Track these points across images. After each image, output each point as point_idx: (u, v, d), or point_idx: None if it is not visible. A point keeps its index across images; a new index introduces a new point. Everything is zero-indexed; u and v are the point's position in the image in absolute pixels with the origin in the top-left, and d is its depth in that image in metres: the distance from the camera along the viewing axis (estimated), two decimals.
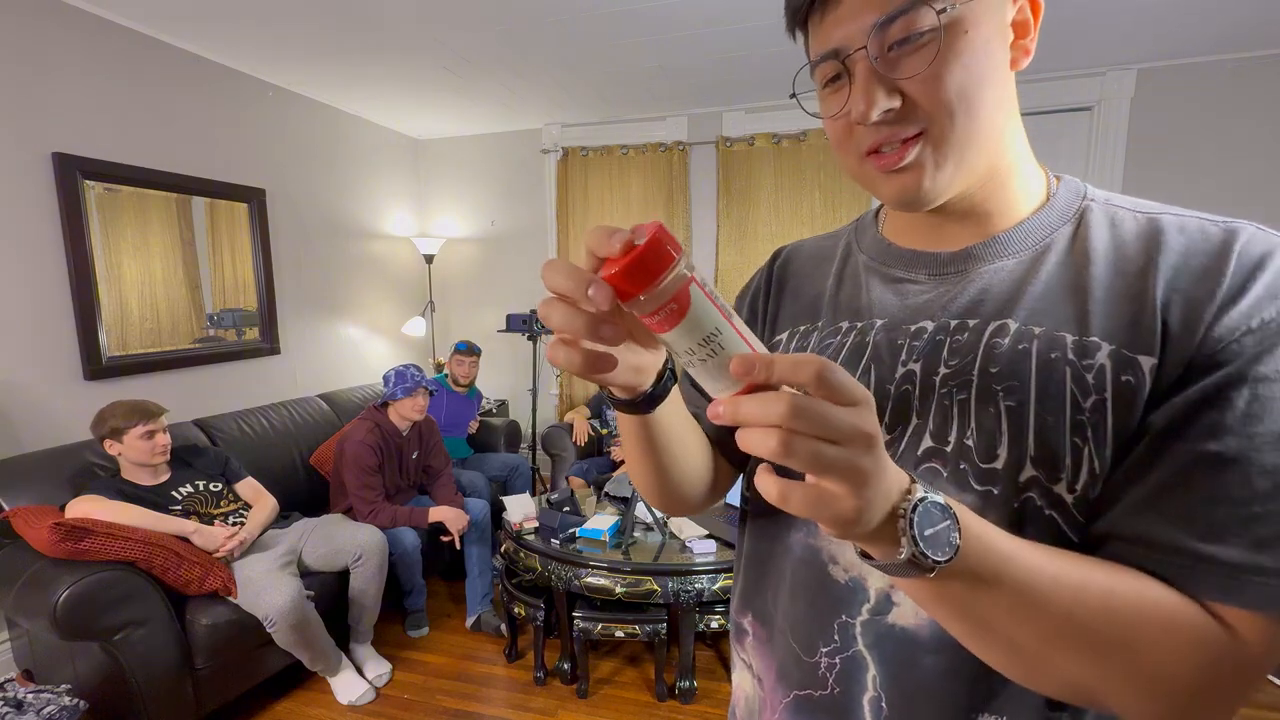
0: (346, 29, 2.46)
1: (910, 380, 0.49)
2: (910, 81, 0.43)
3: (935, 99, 0.43)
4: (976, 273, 0.49)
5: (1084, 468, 0.42)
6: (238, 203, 2.84)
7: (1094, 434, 0.41)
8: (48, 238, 2.17)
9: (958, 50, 0.42)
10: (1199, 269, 0.40)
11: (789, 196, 3.43)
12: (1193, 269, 0.41)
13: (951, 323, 0.48)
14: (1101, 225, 0.46)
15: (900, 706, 0.48)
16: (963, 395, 0.46)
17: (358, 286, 3.66)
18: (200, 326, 2.72)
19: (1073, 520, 0.42)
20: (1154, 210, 0.46)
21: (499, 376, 4.17)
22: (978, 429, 0.45)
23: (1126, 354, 0.41)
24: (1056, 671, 0.37)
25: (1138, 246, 0.44)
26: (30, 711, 1.57)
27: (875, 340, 0.53)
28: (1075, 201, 0.48)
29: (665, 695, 2.05)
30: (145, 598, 1.72)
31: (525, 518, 2.27)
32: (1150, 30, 2.58)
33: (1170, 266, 0.41)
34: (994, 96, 0.44)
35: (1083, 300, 0.44)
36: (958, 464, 0.46)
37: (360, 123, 3.64)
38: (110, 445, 1.94)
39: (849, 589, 0.50)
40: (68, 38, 2.20)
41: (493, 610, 2.51)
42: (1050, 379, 0.43)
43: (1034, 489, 0.43)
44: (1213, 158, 2.92)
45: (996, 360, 0.45)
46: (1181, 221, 0.44)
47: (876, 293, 0.55)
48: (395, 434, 2.56)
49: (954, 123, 0.43)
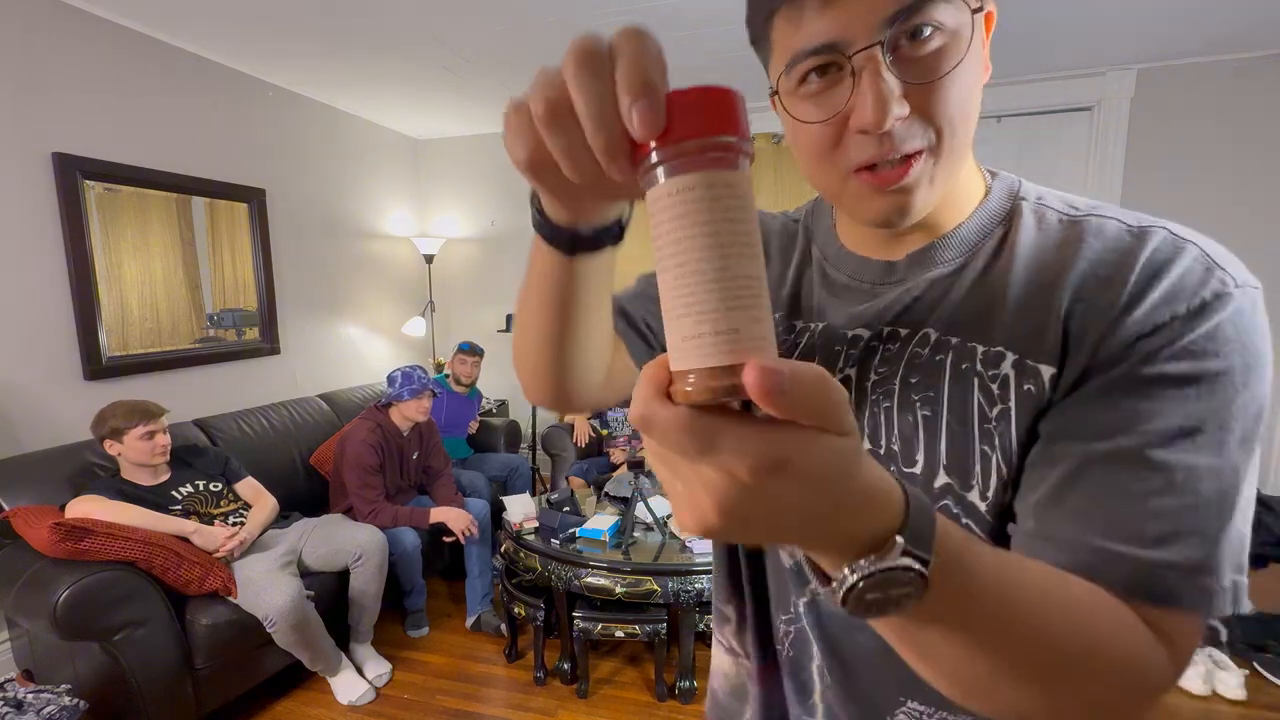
0: (346, 29, 2.46)
1: (846, 385, 0.49)
2: (920, 88, 0.39)
3: (944, 110, 0.39)
4: (913, 281, 0.48)
5: (993, 475, 0.42)
6: (238, 203, 2.84)
7: (1000, 442, 0.42)
8: (48, 238, 2.17)
9: (967, 58, 0.39)
10: (1104, 277, 0.40)
11: (789, 195, 3.43)
12: (1099, 277, 0.40)
13: (884, 330, 0.49)
14: (1029, 227, 0.45)
15: (840, 679, 0.52)
16: (887, 403, 0.47)
17: (358, 286, 3.66)
18: (200, 326, 2.72)
19: (987, 525, 0.43)
20: (1080, 211, 0.44)
21: (499, 376, 4.17)
22: (900, 436, 0.47)
23: (1029, 363, 0.41)
24: (1000, 699, 0.34)
25: (1055, 253, 0.43)
26: (30, 711, 1.57)
27: (816, 344, 0.53)
28: (1006, 202, 0.47)
29: (665, 695, 2.05)
30: (145, 598, 1.72)
31: (525, 518, 2.27)
32: (1150, 30, 2.58)
33: (1079, 274, 0.41)
34: (976, 109, 0.42)
35: (998, 309, 0.44)
36: (887, 465, 0.44)
37: (360, 123, 3.63)
38: (110, 445, 1.94)
39: (793, 572, 0.54)
40: (68, 38, 2.20)
41: (493, 610, 2.51)
42: (961, 389, 0.44)
43: (948, 496, 0.44)
44: (1213, 158, 2.92)
45: (916, 370, 0.46)
46: (1102, 224, 0.42)
47: (820, 296, 0.54)
48: (396, 434, 2.56)
49: (954, 138, 0.41)
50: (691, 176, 0.23)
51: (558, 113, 0.26)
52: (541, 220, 0.37)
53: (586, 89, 0.25)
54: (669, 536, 2.17)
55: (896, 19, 0.37)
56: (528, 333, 0.47)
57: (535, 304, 0.44)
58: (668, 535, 2.17)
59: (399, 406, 2.54)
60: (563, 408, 0.53)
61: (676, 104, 0.24)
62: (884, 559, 0.26)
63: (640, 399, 0.24)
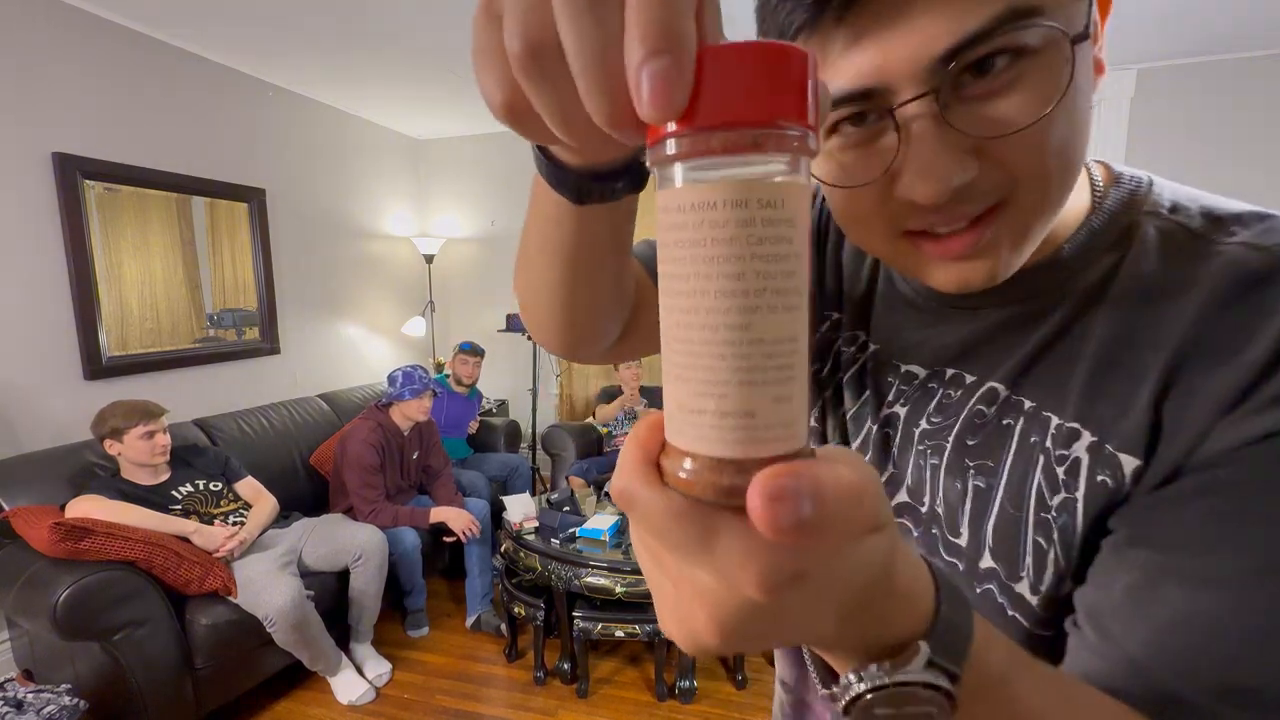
0: (347, 29, 2.46)
1: (892, 424, 0.43)
2: (994, 141, 0.29)
3: (1033, 163, 0.30)
4: (989, 314, 0.39)
5: (1048, 569, 0.35)
6: (238, 203, 2.84)
7: (1060, 536, 0.34)
8: (48, 238, 2.17)
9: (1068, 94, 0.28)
10: (1219, 338, 0.29)
11: None
12: (1211, 338, 0.30)
13: (947, 372, 0.41)
14: (1149, 255, 0.34)
15: None
16: (935, 460, 0.40)
17: (358, 286, 3.66)
18: (200, 326, 2.72)
19: (1036, 618, 0.36)
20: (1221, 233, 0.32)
21: (499, 376, 4.17)
22: (944, 501, 0.39)
23: (1108, 449, 0.32)
24: None
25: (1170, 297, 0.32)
26: (30, 711, 1.57)
27: (868, 367, 0.45)
28: (1124, 217, 0.36)
29: (665, 695, 2.05)
30: (145, 598, 1.72)
31: (525, 518, 2.27)
32: (1150, 30, 2.58)
33: (1182, 331, 0.31)
34: (1086, 145, 0.31)
35: (1084, 370, 0.34)
36: (930, 527, 0.40)
37: (360, 123, 3.63)
38: (110, 445, 1.94)
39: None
40: (68, 38, 2.20)
41: (493, 610, 2.51)
42: (1022, 466, 0.36)
43: (993, 581, 0.37)
44: (1213, 158, 2.92)
45: (976, 432, 0.38)
46: (1245, 257, 0.31)
47: (879, 309, 0.46)
48: (397, 433, 2.56)
49: (1049, 189, 0.31)
50: (714, 188, 0.16)
51: (541, 57, 0.17)
52: (543, 158, 0.28)
53: (582, 31, 0.16)
54: None
55: (955, 55, 0.27)
56: (530, 278, 0.39)
57: (537, 252, 0.36)
58: None
59: (400, 406, 2.54)
60: (575, 358, 0.45)
61: (710, 66, 0.16)
62: (901, 669, 0.21)
63: (624, 469, 0.19)
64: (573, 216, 0.31)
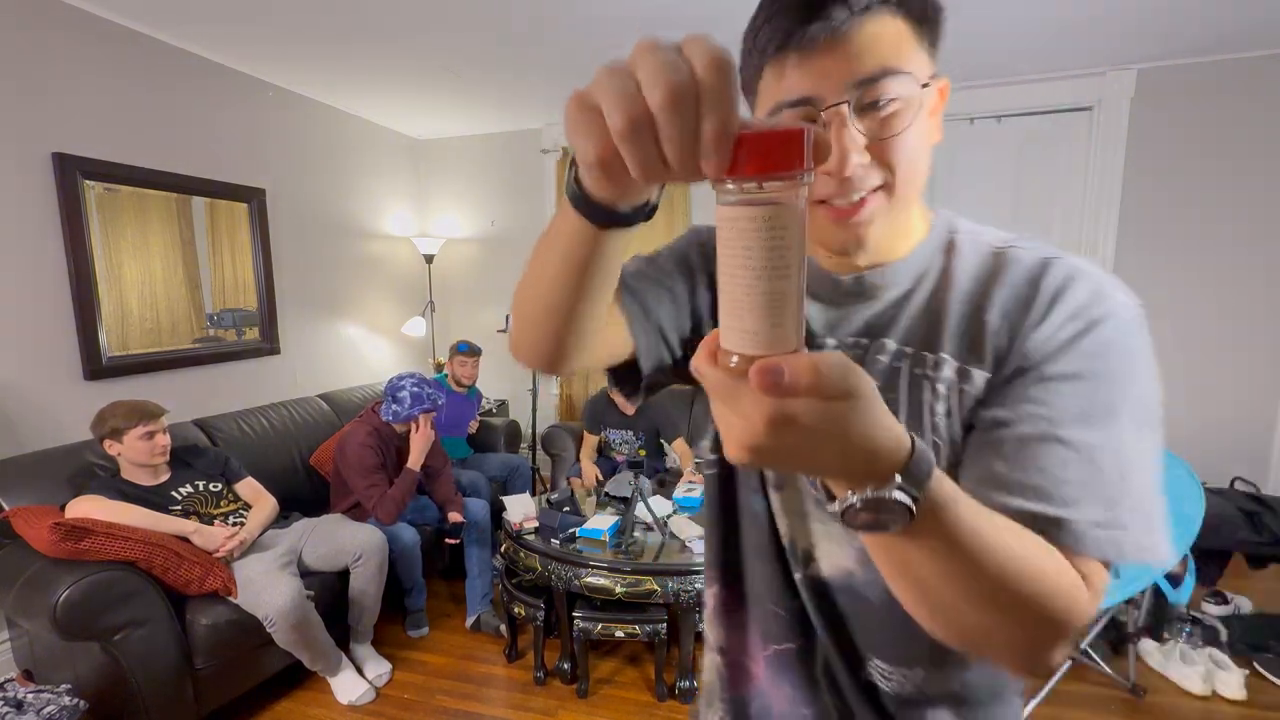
0: (346, 29, 2.46)
1: None
2: (877, 143, 0.48)
3: (896, 161, 0.49)
4: (869, 298, 0.58)
5: (943, 464, 0.51)
6: (238, 203, 2.84)
7: (947, 435, 0.52)
8: (48, 238, 2.17)
9: (916, 123, 0.49)
10: (1019, 298, 0.51)
11: None
12: (1015, 298, 0.51)
13: (849, 339, 0.58)
14: (964, 255, 0.55)
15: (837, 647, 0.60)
16: None
17: (358, 286, 3.66)
18: (200, 326, 2.72)
19: None
20: (1000, 243, 0.55)
21: (499, 377, 4.17)
22: None
23: (968, 369, 0.52)
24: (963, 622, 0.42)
25: (984, 277, 0.54)
26: (30, 711, 1.57)
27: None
28: (946, 235, 0.57)
29: (665, 695, 2.05)
30: (145, 598, 1.72)
31: (525, 518, 2.27)
32: (1150, 30, 2.58)
33: (1003, 297, 0.52)
34: (927, 162, 0.52)
35: (941, 323, 0.54)
36: None
37: (360, 123, 3.64)
38: (110, 445, 1.94)
39: (789, 548, 0.61)
40: (68, 38, 2.20)
41: (492, 610, 2.51)
42: (914, 391, 0.54)
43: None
44: (1213, 158, 2.92)
45: (877, 376, 0.55)
46: (1016, 254, 0.53)
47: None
48: (394, 436, 2.56)
49: (903, 185, 0.50)
50: (746, 210, 0.28)
51: (639, 129, 0.28)
52: (579, 193, 0.39)
53: (676, 125, 0.28)
54: (669, 536, 2.17)
55: (861, 84, 0.47)
56: (538, 291, 0.49)
57: (554, 267, 0.46)
58: (668, 535, 2.17)
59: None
60: (550, 369, 0.56)
61: (750, 141, 0.28)
62: (880, 490, 0.33)
63: (698, 357, 0.33)
64: (592, 238, 0.42)
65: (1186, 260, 3.02)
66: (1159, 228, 3.04)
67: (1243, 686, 1.97)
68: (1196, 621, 2.23)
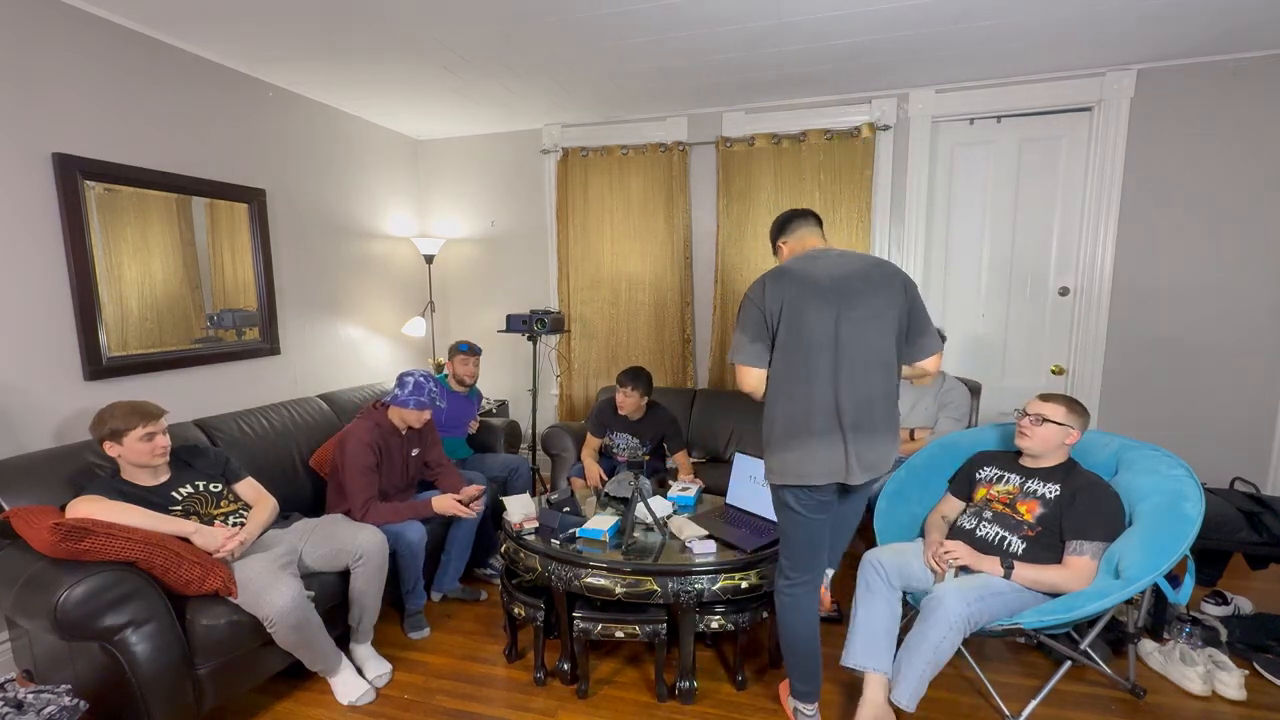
0: (347, 29, 2.47)
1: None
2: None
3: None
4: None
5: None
6: (238, 203, 2.84)
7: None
8: (48, 238, 2.17)
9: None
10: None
11: (789, 196, 3.43)
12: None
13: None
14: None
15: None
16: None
17: (358, 287, 3.67)
18: (200, 326, 2.72)
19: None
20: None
21: (499, 377, 4.18)
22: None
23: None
24: None
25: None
26: (30, 711, 1.57)
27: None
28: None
29: (665, 696, 2.05)
30: (145, 598, 1.72)
31: (525, 518, 2.27)
32: (1150, 30, 2.58)
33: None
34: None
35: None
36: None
37: (360, 123, 3.64)
38: (110, 447, 1.94)
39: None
40: (68, 38, 2.20)
41: (460, 588, 2.69)
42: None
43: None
44: (1213, 158, 2.93)
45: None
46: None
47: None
48: (394, 433, 2.56)
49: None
50: None
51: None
52: None
53: None
54: (669, 536, 2.17)
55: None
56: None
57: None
58: (668, 535, 2.17)
59: (399, 410, 2.53)
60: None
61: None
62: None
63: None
64: None
65: (1186, 260, 3.02)
66: (1159, 228, 3.04)
67: (1243, 687, 1.97)
68: (1196, 622, 2.23)
